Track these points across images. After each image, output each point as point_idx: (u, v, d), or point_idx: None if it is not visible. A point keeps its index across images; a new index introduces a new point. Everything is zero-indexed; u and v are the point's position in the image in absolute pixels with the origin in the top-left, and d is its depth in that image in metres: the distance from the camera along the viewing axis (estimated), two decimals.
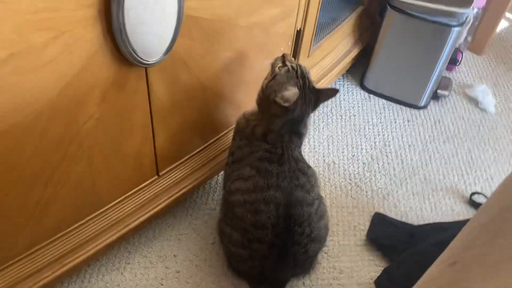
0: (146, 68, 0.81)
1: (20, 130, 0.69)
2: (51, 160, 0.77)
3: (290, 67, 0.94)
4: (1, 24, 0.57)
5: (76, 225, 0.93)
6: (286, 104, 0.89)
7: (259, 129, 0.97)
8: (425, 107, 1.65)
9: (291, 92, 0.89)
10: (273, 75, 0.94)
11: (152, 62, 0.79)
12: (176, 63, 0.86)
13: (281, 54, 0.97)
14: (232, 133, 1.06)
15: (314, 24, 1.26)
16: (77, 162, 0.82)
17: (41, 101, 0.69)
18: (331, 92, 0.99)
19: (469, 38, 1.88)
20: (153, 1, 0.71)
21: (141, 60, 0.76)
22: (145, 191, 1.03)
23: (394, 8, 1.47)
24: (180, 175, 1.08)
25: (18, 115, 0.67)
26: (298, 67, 0.95)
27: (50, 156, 0.76)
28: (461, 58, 1.77)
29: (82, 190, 0.87)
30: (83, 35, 0.67)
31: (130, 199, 1.01)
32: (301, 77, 0.93)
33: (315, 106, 0.98)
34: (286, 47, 1.18)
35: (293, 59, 0.98)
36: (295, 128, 0.97)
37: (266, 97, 0.94)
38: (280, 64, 0.95)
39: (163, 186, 1.06)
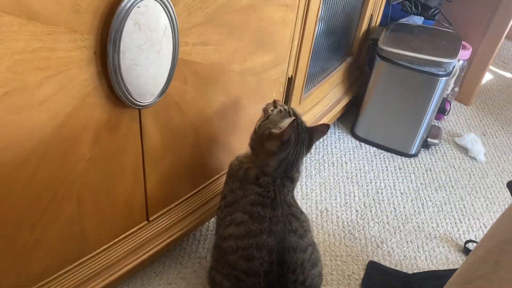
0: (139, 110, 0.81)
1: (11, 169, 0.68)
2: (40, 201, 0.75)
3: (282, 108, 0.97)
4: None
5: (61, 272, 0.89)
6: (280, 132, 0.90)
7: (252, 172, 0.96)
8: (416, 155, 1.66)
9: (288, 120, 0.91)
10: (266, 116, 0.97)
11: (146, 104, 0.79)
12: (169, 105, 0.87)
13: (272, 100, 1.00)
14: (224, 178, 1.06)
15: (305, 73, 1.29)
16: (67, 204, 0.80)
17: (34, 140, 0.68)
18: (323, 128, 1.00)
19: (457, 89, 1.93)
20: (149, 44, 0.72)
21: (135, 101, 0.76)
22: (134, 237, 1.01)
23: (383, 58, 1.52)
24: (171, 220, 1.06)
25: (9, 153, 0.66)
26: (290, 109, 0.98)
27: (40, 197, 0.75)
28: (450, 108, 1.81)
29: (70, 234, 0.85)
30: (78, 76, 0.68)
31: (118, 245, 0.98)
32: (293, 115, 0.95)
33: (309, 145, 0.99)
34: (278, 94, 1.21)
35: (284, 104, 1.00)
36: (288, 171, 0.96)
37: (259, 136, 0.95)
38: (271, 108, 0.98)
39: (153, 232, 1.03)
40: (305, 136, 0.97)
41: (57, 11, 0.60)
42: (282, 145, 0.93)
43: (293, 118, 0.92)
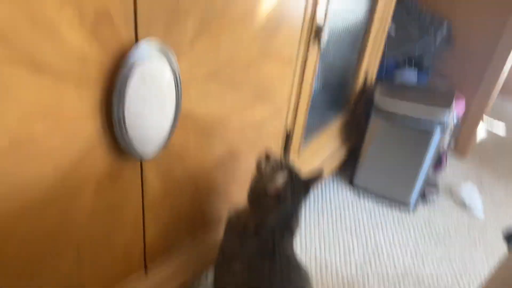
0: (141, 161, 0.83)
1: (12, 218, 0.68)
2: (40, 252, 0.75)
3: (274, 163, 0.97)
4: (6, 115, 0.60)
5: None
6: (275, 190, 0.90)
7: (250, 225, 0.96)
8: (414, 207, 1.66)
9: (280, 178, 0.91)
10: (259, 174, 0.97)
11: (149, 155, 0.81)
12: (171, 157, 0.89)
13: (264, 152, 1.01)
14: (223, 228, 1.06)
15: (303, 125, 1.32)
16: (66, 256, 0.80)
17: (37, 190, 0.69)
18: (317, 174, 0.99)
19: (452, 142, 1.96)
20: (153, 96, 0.75)
21: (138, 152, 0.78)
22: (132, 287, 0.99)
23: (378, 112, 1.56)
24: (169, 270, 1.05)
25: (12, 203, 0.66)
26: (282, 162, 0.98)
27: (39, 247, 0.74)
28: (446, 161, 1.83)
29: (69, 285, 0.84)
30: (84, 127, 0.70)
31: None
32: (286, 168, 0.96)
33: (305, 193, 0.98)
34: (277, 146, 1.23)
35: (276, 156, 1.01)
36: (287, 223, 0.96)
37: (256, 195, 0.95)
38: (265, 161, 0.98)
39: (151, 282, 1.02)
40: (302, 185, 0.97)
41: (65, 66, 0.63)
42: (279, 201, 0.93)
43: (284, 175, 0.92)
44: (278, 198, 0.93)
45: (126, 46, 0.70)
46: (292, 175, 0.96)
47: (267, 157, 1.00)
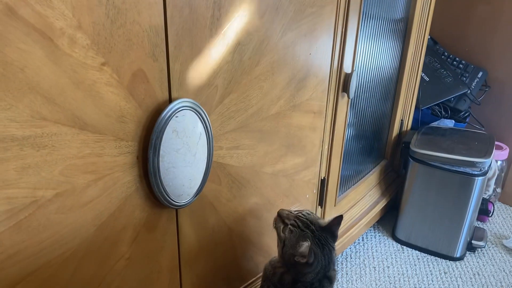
0: (176, 210, 0.87)
1: (54, 268, 0.72)
2: None
3: (290, 225, 0.95)
4: (52, 167, 0.66)
5: None
6: (305, 260, 0.90)
7: (287, 277, 0.96)
8: (461, 258, 1.59)
9: (304, 247, 0.89)
10: (282, 242, 0.96)
11: (183, 204, 0.84)
12: (204, 206, 0.92)
13: (276, 213, 0.99)
14: (260, 281, 1.05)
15: (338, 175, 1.33)
16: None
17: (78, 239, 0.73)
18: (337, 220, 0.97)
19: (499, 190, 1.89)
20: (186, 148, 0.80)
21: (173, 202, 0.82)
22: None
23: (416, 160, 1.54)
24: None
25: (55, 251, 0.71)
26: (297, 220, 0.95)
27: None
28: (493, 209, 1.76)
29: None
30: (122, 178, 0.75)
31: None
32: (305, 227, 0.94)
33: (333, 239, 0.97)
34: (311, 195, 1.24)
35: (290, 210, 0.99)
36: (324, 274, 0.95)
37: (287, 262, 0.95)
38: (281, 226, 0.96)
39: None
40: (326, 235, 0.95)
41: (105, 122, 0.69)
42: (312, 264, 0.92)
43: (307, 242, 0.90)
44: (309, 261, 0.92)
45: (160, 103, 0.76)
46: (312, 228, 0.94)
47: (281, 217, 0.98)
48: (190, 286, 0.99)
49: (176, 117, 0.76)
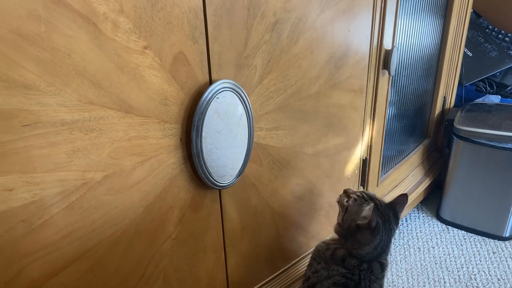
0: (219, 191, 0.88)
1: (106, 247, 0.75)
2: (129, 281, 0.81)
3: (355, 196, 0.97)
4: (100, 150, 0.68)
5: None
6: (367, 221, 0.90)
7: (340, 252, 0.96)
8: (510, 238, 1.54)
9: (368, 207, 0.91)
10: (344, 209, 0.97)
11: (225, 184, 0.86)
12: (246, 186, 0.93)
13: (343, 191, 1.02)
14: (304, 262, 1.06)
15: (380, 155, 1.31)
16: (153, 284, 0.85)
17: (127, 220, 0.76)
18: (402, 199, 0.98)
19: None
20: (227, 129, 0.80)
21: (216, 182, 0.83)
22: None
23: (461, 138, 1.50)
24: None
25: (106, 231, 0.74)
26: (363, 193, 0.98)
27: (129, 276, 0.80)
28: None
29: None
30: (166, 160, 0.77)
31: None
32: (370, 199, 0.95)
33: (395, 220, 0.97)
34: (353, 176, 1.23)
35: (355, 190, 1.01)
36: (380, 255, 0.95)
37: (347, 229, 0.95)
38: (345, 199, 0.98)
39: None
40: (389, 212, 0.96)
41: (149, 105, 0.71)
42: (373, 231, 0.92)
43: (372, 203, 0.92)
44: (372, 230, 0.92)
45: (201, 85, 0.76)
46: (377, 204, 0.95)
47: (347, 193, 1.00)
48: (235, 265, 1.00)
49: (217, 98, 0.77)
